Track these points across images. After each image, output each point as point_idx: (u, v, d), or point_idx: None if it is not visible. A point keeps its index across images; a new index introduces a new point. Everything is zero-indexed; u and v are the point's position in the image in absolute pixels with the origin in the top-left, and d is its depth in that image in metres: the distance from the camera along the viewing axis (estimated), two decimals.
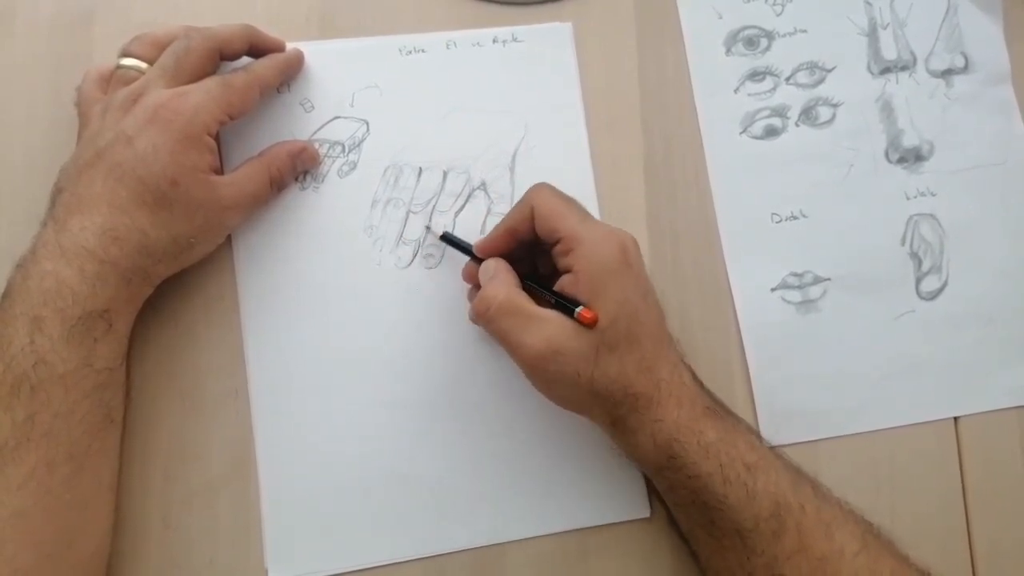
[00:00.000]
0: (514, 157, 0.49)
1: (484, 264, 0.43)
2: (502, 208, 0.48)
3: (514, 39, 0.50)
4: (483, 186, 0.48)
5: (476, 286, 0.44)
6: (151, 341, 0.45)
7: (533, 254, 0.44)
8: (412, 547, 0.44)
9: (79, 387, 0.38)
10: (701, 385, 0.41)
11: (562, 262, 0.40)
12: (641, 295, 0.40)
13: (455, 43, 0.50)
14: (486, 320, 0.40)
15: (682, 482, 0.39)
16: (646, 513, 0.45)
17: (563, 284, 0.40)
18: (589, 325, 0.38)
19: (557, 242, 0.40)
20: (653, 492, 0.45)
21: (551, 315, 0.39)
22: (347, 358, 0.46)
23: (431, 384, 0.46)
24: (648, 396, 0.39)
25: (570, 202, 0.42)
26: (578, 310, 0.39)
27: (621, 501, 0.45)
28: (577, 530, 0.45)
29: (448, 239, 0.45)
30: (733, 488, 0.38)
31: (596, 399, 0.39)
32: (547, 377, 0.39)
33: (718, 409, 0.41)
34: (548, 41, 0.50)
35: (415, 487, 0.45)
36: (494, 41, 0.50)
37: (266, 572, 0.43)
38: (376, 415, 0.45)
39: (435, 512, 0.44)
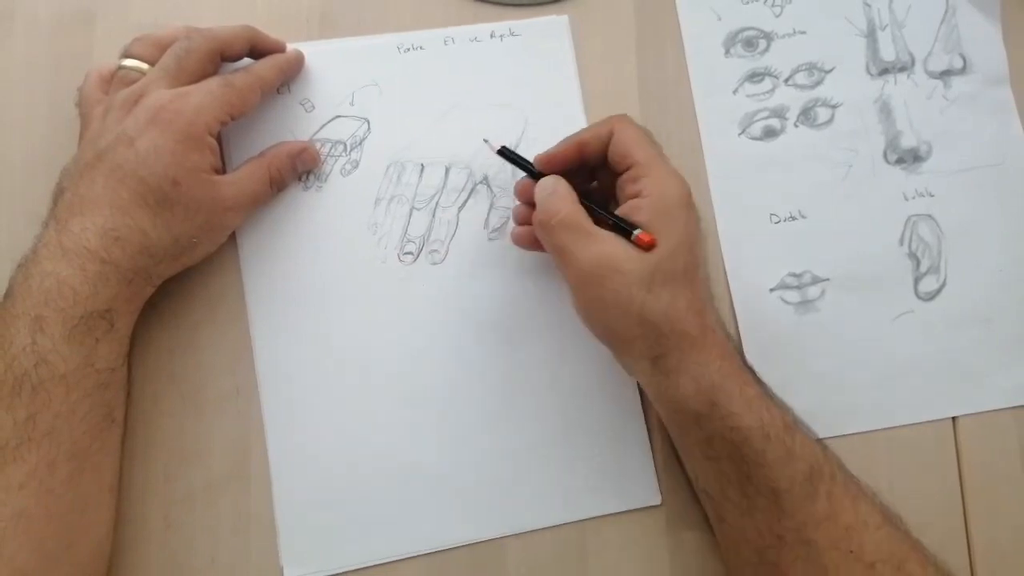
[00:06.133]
0: (515, 151, 0.49)
1: (543, 181, 0.42)
2: (505, 201, 0.48)
3: (511, 33, 0.50)
4: (485, 180, 0.48)
5: (528, 204, 0.43)
6: (152, 341, 0.45)
7: (585, 181, 0.44)
8: (424, 541, 0.44)
9: (80, 387, 0.38)
10: (737, 348, 0.41)
11: (629, 188, 0.41)
12: (698, 239, 0.41)
13: (453, 39, 0.50)
14: (546, 231, 0.40)
15: (722, 433, 0.38)
16: (656, 500, 0.46)
17: (627, 209, 0.40)
18: (646, 248, 0.38)
19: (628, 168, 0.41)
20: (663, 479, 0.45)
21: (609, 235, 0.39)
22: (354, 355, 0.46)
23: (437, 379, 0.46)
24: (694, 337, 0.39)
25: (647, 134, 0.42)
26: (636, 232, 0.39)
27: (632, 489, 0.46)
28: (589, 519, 0.45)
29: (506, 154, 0.44)
30: (773, 446, 0.38)
31: (642, 329, 0.38)
32: (598, 295, 0.39)
33: (754, 371, 0.41)
34: (545, 34, 0.50)
35: (426, 481, 0.45)
36: (492, 36, 0.50)
37: (281, 570, 0.43)
38: (384, 410, 0.45)
39: (446, 505, 0.45)
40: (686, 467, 0.43)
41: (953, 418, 0.48)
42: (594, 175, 0.45)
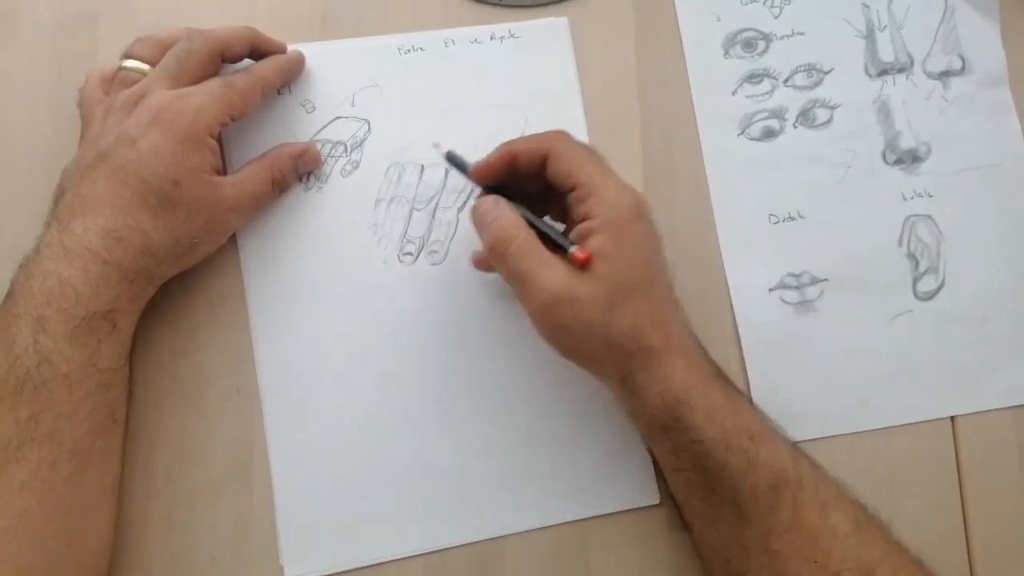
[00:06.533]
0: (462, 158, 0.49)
1: (483, 204, 0.41)
2: None
3: (511, 35, 0.50)
4: None
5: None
6: (154, 341, 0.45)
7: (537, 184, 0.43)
8: (424, 540, 0.44)
9: (83, 387, 0.38)
10: (705, 352, 0.41)
11: (579, 209, 0.40)
12: (655, 249, 0.40)
13: (453, 41, 0.50)
14: (502, 258, 0.39)
15: (685, 446, 0.39)
16: (655, 500, 0.46)
17: (579, 233, 0.40)
18: (581, 265, 0.38)
19: (572, 188, 0.40)
20: (661, 477, 0.45)
21: (559, 260, 0.39)
22: (354, 355, 0.46)
23: (437, 379, 0.46)
24: (659, 351, 0.39)
25: (590, 151, 0.41)
26: (571, 249, 0.38)
27: (629, 488, 0.46)
28: (588, 518, 0.45)
29: (452, 159, 0.44)
30: (735, 456, 0.38)
31: (609, 351, 0.39)
32: (560, 323, 0.38)
33: (723, 376, 0.41)
34: (545, 36, 0.51)
35: (426, 481, 0.45)
36: (492, 38, 0.50)
37: (282, 570, 0.43)
38: (384, 410, 0.45)
39: (446, 505, 0.45)
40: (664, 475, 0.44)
41: (952, 418, 0.49)
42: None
